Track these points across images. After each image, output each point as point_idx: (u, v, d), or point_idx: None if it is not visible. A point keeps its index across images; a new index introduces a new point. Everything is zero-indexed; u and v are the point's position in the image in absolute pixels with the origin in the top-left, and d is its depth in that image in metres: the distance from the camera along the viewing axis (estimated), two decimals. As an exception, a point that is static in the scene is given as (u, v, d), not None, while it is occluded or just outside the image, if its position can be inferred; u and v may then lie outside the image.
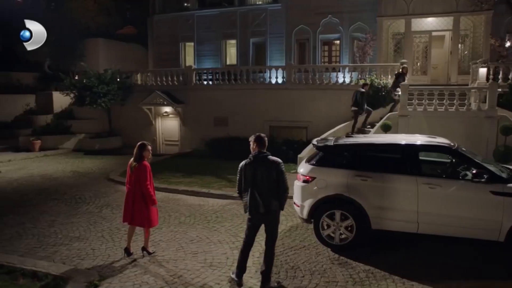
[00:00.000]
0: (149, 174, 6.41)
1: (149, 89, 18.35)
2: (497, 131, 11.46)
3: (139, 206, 6.32)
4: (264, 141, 5.55)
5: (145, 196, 6.30)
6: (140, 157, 6.41)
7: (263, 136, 5.60)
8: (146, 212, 6.35)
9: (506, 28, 18.04)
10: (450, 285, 5.48)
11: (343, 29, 21.21)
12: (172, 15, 24.40)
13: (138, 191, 6.33)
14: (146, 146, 6.51)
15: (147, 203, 6.33)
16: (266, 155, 5.43)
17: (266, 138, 5.64)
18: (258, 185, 5.32)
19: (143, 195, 6.30)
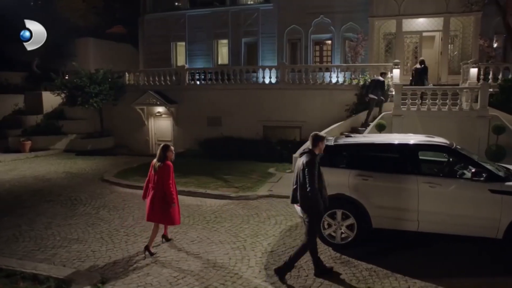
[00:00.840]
0: (172, 174, 6.72)
1: (141, 89, 18.22)
2: (489, 130, 11.67)
3: (161, 204, 6.58)
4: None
5: (167, 195, 6.56)
6: (164, 158, 6.73)
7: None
8: (167, 210, 6.62)
9: (494, 29, 18.33)
10: (451, 282, 5.55)
11: (335, 29, 21.33)
12: (163, 15, 24.27)
13: (161, 190, 6.60)
14: (169, 147, 6.84)
15: (169, 202, 6.56)
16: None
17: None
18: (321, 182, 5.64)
19: (165, 194, 6.54)
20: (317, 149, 5.61)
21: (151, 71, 18.66)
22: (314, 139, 5.65)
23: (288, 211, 9.05)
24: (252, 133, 16.63)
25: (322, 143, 5.66)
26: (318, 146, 5.62)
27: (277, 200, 9.95)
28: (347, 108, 15.60)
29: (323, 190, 5.65)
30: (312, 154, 5.54)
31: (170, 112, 17.77)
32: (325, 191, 5.71)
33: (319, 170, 5.53)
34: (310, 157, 5.49)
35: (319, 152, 5.63)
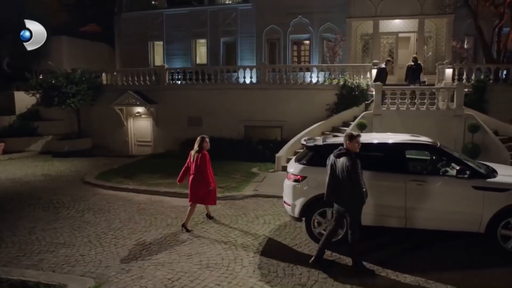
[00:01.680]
0: (209, 161, 7.83)
1: (120, 89, 17.91)
2: (464, 129, 12.10)
3: (200, 187, 7.73)
4: None
5: (205, 180, 7.67)
6: (201, 148, 7.84)
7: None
8: (207, 193, 7.80)
9: (465, 31, 19.06)
10: (440, 276, 5.76)
11: (313, 29, 21.62)
12: (140, 14, 23.97)
13: (200, 176, 7.71)
14: (205, 138, 7.99)
15: (207, 186, 7.68)
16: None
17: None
18: None
19: (204, 179, 7.62)
20: (350, 147, 5.85)
21: (130, 71, 18.36)
22: (350, 138, 5.88)
23: (275, 210, 9.15)
24: (234, 133, 16.63)
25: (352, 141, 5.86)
26: (348, 145, 5.85)
27: (263, 199, 10.03)
28: (327, 107, 15.83)
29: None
30: (350, 154, 5.80)
31: (150, 113, 17.55)
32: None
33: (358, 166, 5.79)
34: (351, 157, 5.75)
35: (355, 151, 5.85)
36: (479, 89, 14.05)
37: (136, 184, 11.35)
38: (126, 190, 10.91)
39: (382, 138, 7.33)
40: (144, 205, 9.63)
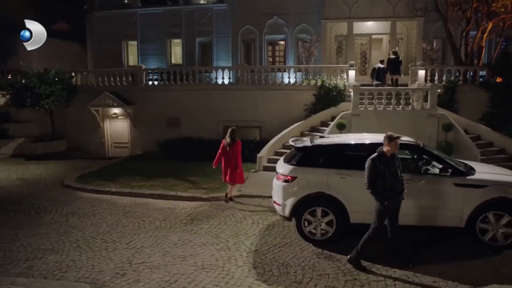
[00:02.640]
0: (240, 149, 9.91)
1: (96, 90, 17.54)
2: (438, 128, 12.65)
3: (234, 171, 9.77)
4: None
5: (237, 164, 9.80)
6: (234, 138, 9.74)
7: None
8: (237, 174, 9.86)
9: (435, 33, 19.85)
10: (426, 269, 6.07)
11: (288, 30, 21.92)
12: (114, 12, 23.54)
13: (233, 161, 9.74)
14: (235, 130, 9.93)
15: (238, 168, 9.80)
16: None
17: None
18: None
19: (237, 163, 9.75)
20: (385, 149, 5.96)
21: (105, 71, 18.01)
22: (384, 139, 6.01)
23: (261, 210, 9.28)
24: (213, 134, 16.62)
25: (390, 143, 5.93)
26: (387, 146, 5.96)
27: (249, 199, 10.15)
28: (305, 108, 16.12)
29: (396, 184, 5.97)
30: (378, 155, 5.96)
31: (127, 114, 17.30)
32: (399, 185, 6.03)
33: (386, 167, 5.87)
34: (371, 159, 5.94)
35: (388, 151, 5.94)
36: (450, 89, 14.71)
37: (119, 187, 11.21)
38: (109, 193, 10.76)
39: (369, 139, 7.59)
40: (130, 208, 9.55)
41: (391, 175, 5.89)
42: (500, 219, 6.70)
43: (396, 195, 5.97)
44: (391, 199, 5.92)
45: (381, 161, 5.89)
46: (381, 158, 5.91)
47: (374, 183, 5.90)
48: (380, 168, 5.83)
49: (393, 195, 5.92)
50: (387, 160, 5.90)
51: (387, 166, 5.86)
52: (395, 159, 6.04)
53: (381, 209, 5.97)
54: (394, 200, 5.95)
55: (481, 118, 14.53)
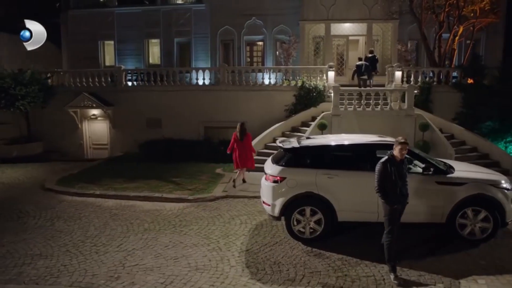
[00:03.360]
0: (251, 139, 11.65)
1: (74, 91, 17.22)
2: (415, 127, 13.12)
3: (245, 158, 11.34)
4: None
5: (248, 153, 11.41)
6: (245, 131, 11.31)
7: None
8: (249, 161, 11.51)
9: (409, 35, 20.50)
10: (410, 263, 6.37)
11: (267, 31, 22.12)
12: (89, 11, 23.10)
13: (245, 151, 11.30)
14: (244, 123, 11.47)
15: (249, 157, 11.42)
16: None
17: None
18: None
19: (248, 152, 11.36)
20: (395, 152, 6.00)
21: (84, 72, 17.70)
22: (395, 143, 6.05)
23: (248, 210, 9.42)
24: (194, 134, 16.67)
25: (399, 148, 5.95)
26: (395, 150, 6.00)
27: (235, 200, 10.27)
28: (286, 108, 16.35)
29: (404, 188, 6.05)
30: (388, 159, 6.02)
31: (107, 115, 17.07)
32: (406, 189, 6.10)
33: (396, 171, 5.93)
34: (381, 163, 6.01)
35: (397, 155, 5.97)
36: (425, 90, 15.27)
37: (102, 189, 11.10)
38: (93, 196, 10.64)
39: (354, 140, 7.86)
40: (116, 210, 9.49)
41: (399, 179, 5.95)
42: (477, 215, 7.10)
43: (403, 199, 6.06)
44: (399, 203, 5.99)
45: (391, 164, 5.94)
46: (391, 162, 5.97)
47: (383, 187, 5.95)
48: (390, 171, 5.89)
49: (401, 198, 6.00)
50: (397, 163, 5.96)
51: (397, 170, 5.93)
52: (404, 163, 6.10)
53: (390, 213, 6.02)
54: (401, 203, 6.03)
55: (455, 118, 15.16)
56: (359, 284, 5.82)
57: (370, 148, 7.48)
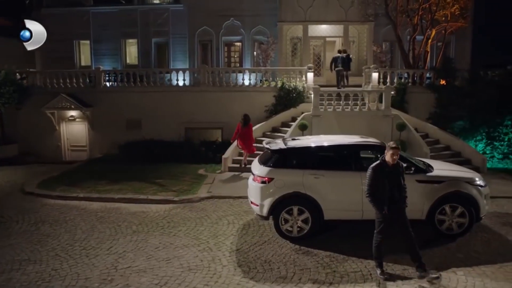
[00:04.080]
0: (252, 129, 13.43)
1: (50, 92, 16.86)
2: (392, 127, 13.59)
3: (246, 144, 13.18)
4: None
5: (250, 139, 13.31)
6: (247, 121, 13.15)
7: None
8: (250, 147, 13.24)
9: (383, 37, 21.13)
10: (395, 258, 6.69)
11: (245, 31, 22.28)
12: (64, 10, 22.59)
13: (247, 139, 13.16)
14: (248, 114, 13.36)
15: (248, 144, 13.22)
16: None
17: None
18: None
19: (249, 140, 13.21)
20: (388, 157, 6.00)
21: (61, 73, 17.35)
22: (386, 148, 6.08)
23: (234, 211, 9.58)
24: (175, 135, 16.66)
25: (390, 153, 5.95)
26: (386, 155, 6.01)
27: (220, 200, 10.40)
28: (266, 109, 16.57)
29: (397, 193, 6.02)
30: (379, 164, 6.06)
31: (86, 116, 16.81)
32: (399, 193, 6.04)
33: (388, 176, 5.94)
34: (371, 168, 6.09)
35: (389, 161, 5.98)
36: (401, 91, 15.83)
37: (86, 192, 11.01)
38: (76, 199, 10.55)
39: (339, 141, 8.14)
40: (102, 213, 9.46)
41: (392, 184, 5.94)
42: (455, 211, 7.52)
43: (393, 204, 5.99)
44: (389, 209, 5.97)
45: (382, 170, 5.98)
46: (382, 167, 6.00)
47: (373, 192, 6.01)
48: (381, 177, 5.94)
49: (391, 204, 5.97)
50: (389, 168, 5.99)
51: (387, 175, 5.94)
52: (398, 167, 6.09)
53: (381, 217, 6.08)
54: (391, 209, 5.98)
55: (428, 118, 15.79)
56: (347, 279, 6.09)
57: (354, 149, 7.80)
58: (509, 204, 9.99)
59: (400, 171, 6.14)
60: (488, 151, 15.13)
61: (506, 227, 8.31)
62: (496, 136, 15.14)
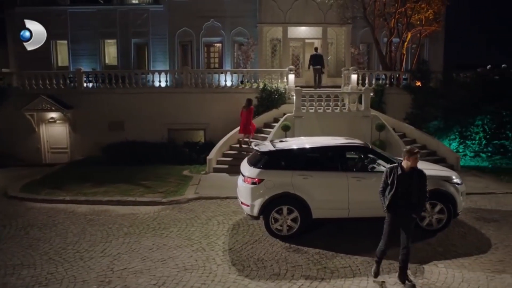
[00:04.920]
0: (252, 112, 14.62)
1: (30, 93, 16.57)
2: (372, 128, 14.09)
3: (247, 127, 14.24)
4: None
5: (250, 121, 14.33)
6: (249, 104, 14.35)
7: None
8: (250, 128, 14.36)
9: (361, 39, 21.74)
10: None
11: (225, 32, 22.45)
12: (40, 9, 22.04)
13: (247, 121, 14.12)
14: (251, 99, 14.78)
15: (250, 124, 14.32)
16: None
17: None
18: None
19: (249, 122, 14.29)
20: (404, 162, 5.92)
21: (41, 74, 17.07)
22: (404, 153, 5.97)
23: (223, 211, 9.80)
24: (158, 137, 16.71)
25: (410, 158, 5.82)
26: (406, 160, 5.88)
27: (208, 201, 10.58)
28: (249, 110, 16.79)
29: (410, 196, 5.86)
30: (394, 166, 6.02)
31: (67, 118, 16.61)
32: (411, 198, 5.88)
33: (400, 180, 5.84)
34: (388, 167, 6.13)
35: (407, 165, 5.87)
36: (379, 92, 16.40)
37: (72, 195, 10.98)
38: (63, 202, 10.51)
39: (325, 142, 8.49)
40: (91, 216, 9.48)
41: (404, 188, 5.81)
42: (434, 207, 7.99)
43: (399, 208, 5.90)
44: (394, 213, 5.96)
45: (395, 172, 5.91)
46: (394, 169, 5.95)
47: (384, 190, 6.04)
48: (392, 179, 5.88)
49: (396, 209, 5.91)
50: (403, 173, 5.85)
51: (399, 178, 5.83)
52: (414, 173, 5.88)
53: (387, 219, 6.13)
54: (396, 214, 5.94)
55: (405, 118, 16.43)
56: (338, 274, 6.42)
57: (340, 150, 8.17)
58: (482, 200, 10.63)
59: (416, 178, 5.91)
60: (461, 150, 15.89)
61: (480, 221, 8.87)
62: (468, 135, 15.93)
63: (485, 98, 15.85)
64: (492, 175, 13.14)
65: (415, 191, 5.86)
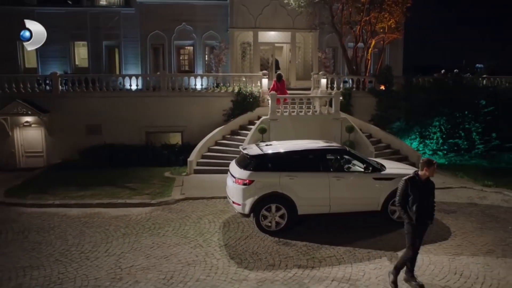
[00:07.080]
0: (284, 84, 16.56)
1: (3, 97, 16.38)
2: (341, 129, 15.17)
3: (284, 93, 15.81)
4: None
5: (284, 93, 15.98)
6: (280, 77, 16.30)
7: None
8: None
9: (327, 43, 22.95)
10: (362, 243, 8.05)
11: (197, 36, 22.99)
12: (5, 9, 21.64)
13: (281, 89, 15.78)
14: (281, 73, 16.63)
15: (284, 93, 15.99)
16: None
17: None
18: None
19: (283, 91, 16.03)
20: (421, 173, 6.09)
21: (14, 77, 16.89)
22: (422, 164, 6.14)
23: (211, 210, 10.47)
24: (135, 139, 17.05)
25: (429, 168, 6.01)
26: (425, 171, 6.04)
27: (195, 201, 11.21)
28: (224, 113, 17.52)
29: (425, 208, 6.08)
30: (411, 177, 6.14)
31: (43, 122, 16.55)
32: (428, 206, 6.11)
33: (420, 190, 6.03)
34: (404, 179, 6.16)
35: (424, 175, 6.06)
36: (347, 95, 17.56)
37: (60, 199, 11.23)
38: (53, 206, 10.75)
39: (308, 146, 9.39)
40: (85, 219, 9.86)
41: (422, 197, 6.01)
42: (405, 202, 9.07)
43: (421, 217, 6.06)
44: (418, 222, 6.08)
45: (413, 183, 6.04)
46: (414, 180, 6.07)
47: (404, 203, 6.11)
48: (411, 189, 6.02)
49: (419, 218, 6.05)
50: (421, 183, 6.06)
51: (419, 189, 6.01)
52: (429, 183, 6.12)
53: (410, 230, 6.20)
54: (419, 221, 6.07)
55: (371, 119, 17.71)
56: (325, 263, 7.31)
57: (322, 152, 9.11)
58: (441, 194, 11.79)
59: (430, 187, 6.19)
60: (421, 148, 17.37)
61: (441, 213, 10.05)
62: (427, 135, 17.45)
63: (441, 100, 17.40)
64: (448, 172, 14.58)
65: (430, 200, 6.20)
